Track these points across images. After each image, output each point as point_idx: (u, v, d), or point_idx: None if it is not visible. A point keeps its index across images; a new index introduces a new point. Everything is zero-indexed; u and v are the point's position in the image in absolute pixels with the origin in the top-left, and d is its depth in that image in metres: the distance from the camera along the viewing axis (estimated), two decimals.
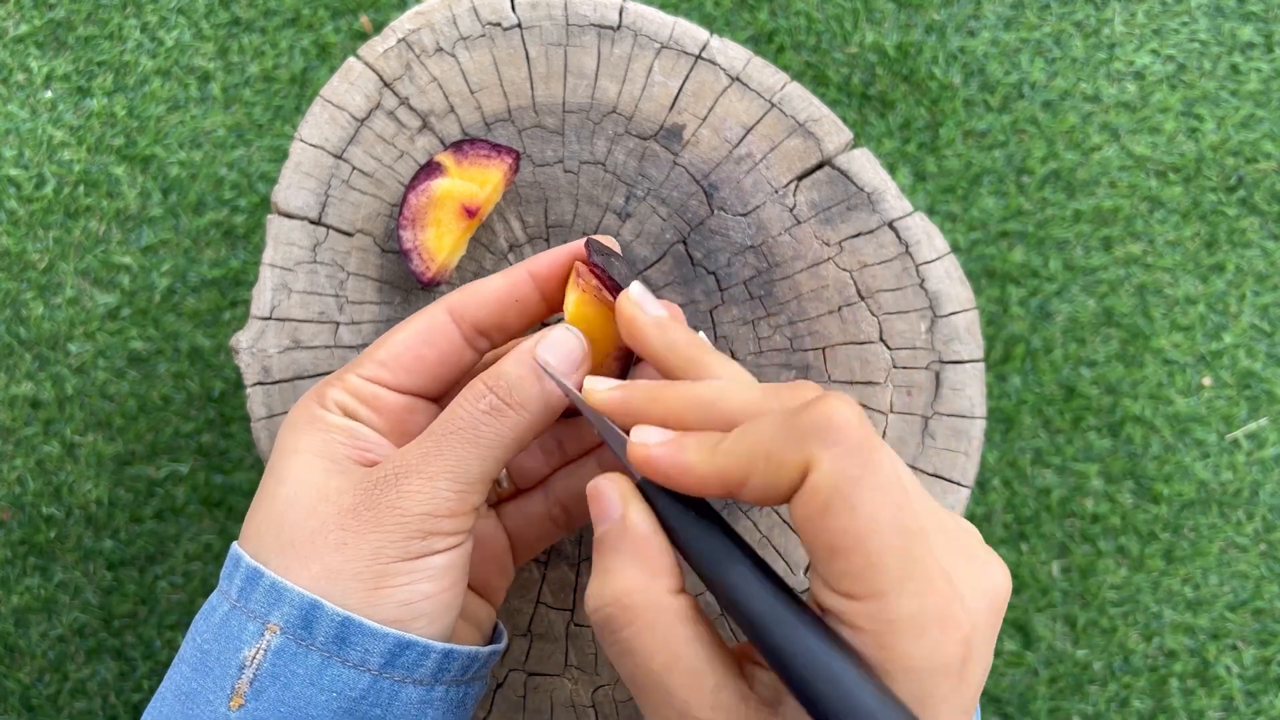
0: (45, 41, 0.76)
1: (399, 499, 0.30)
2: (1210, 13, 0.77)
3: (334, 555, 0.30)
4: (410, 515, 0.30)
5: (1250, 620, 0.72)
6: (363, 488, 0.30)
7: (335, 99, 0.44)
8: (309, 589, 0.29)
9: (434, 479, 0.30)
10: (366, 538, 0.30)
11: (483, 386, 0.31)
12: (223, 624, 0.30)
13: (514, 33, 0.45)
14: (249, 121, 0.75)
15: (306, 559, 0.30)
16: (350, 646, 0.29)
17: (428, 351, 0.33)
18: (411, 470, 0.30)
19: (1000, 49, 0.77)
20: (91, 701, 0.71)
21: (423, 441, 0.31)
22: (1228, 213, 0.75)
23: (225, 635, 0.30)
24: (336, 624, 0.29)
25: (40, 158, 0.75)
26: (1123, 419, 0.73)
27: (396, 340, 0.33)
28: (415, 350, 0.33)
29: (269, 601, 0.29)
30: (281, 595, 0.29)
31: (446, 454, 0.30)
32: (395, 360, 0.33)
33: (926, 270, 0.44)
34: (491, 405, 0.31)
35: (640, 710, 0.29)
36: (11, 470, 0.72)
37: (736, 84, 0.45)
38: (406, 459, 0.31)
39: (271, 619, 0.29)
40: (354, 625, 0.29)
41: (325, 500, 0.30)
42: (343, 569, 0.29)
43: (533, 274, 0.34)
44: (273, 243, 0.44)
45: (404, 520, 0.30)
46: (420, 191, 0.42)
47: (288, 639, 0.29)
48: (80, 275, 0.74)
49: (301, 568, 0.29)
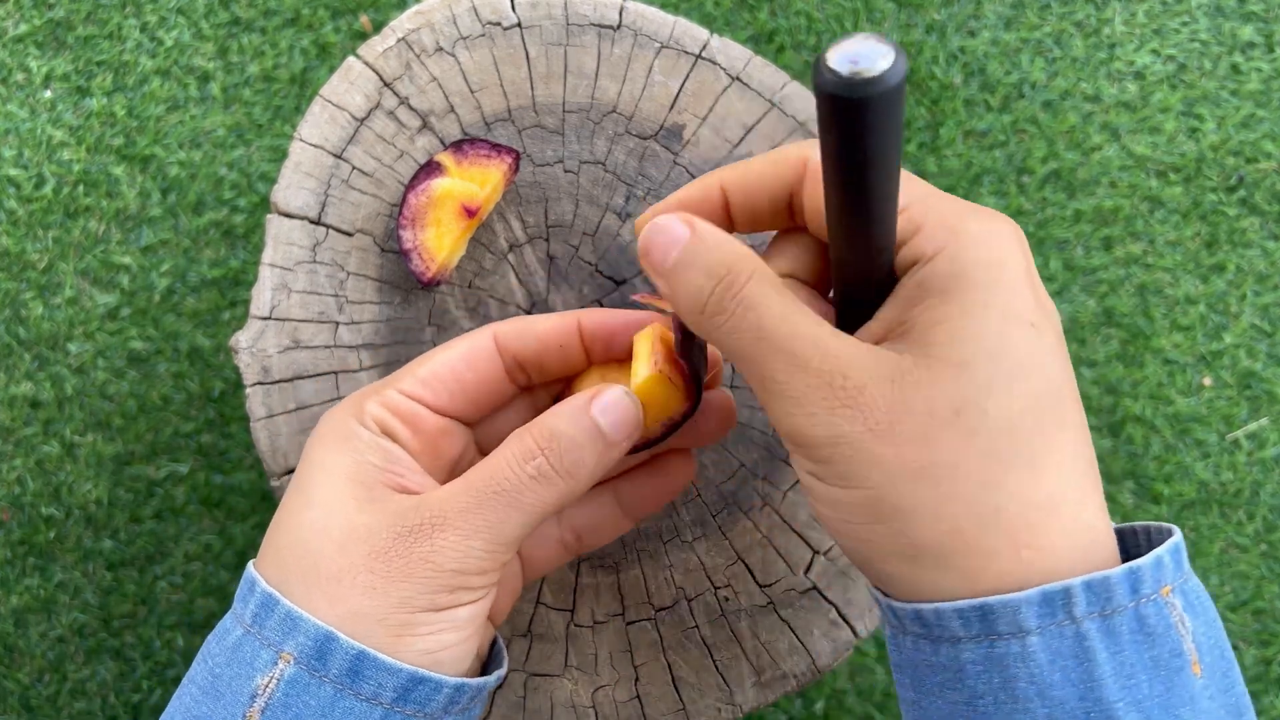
0: (45, 41, 0.76)
1: (432, 552, 0.30)
2: (1211, 12, 0.77)
3: (361, 598, 0.29)
4: (442, 570, 0.30)
5: (1250, 620, 0.72)
6: (396, 532, 0.30)
7: (335, 99, 0.44)
8: (330, 624, 0.29)
9: (470, 537, 0.30)
10: (396, 585, 0.29)
11: (533, 445, 0.31)
12: (236, 649, 0.29)
13: (514, 32, 0.45)
14: (249, 121, 0.75)
15: (333, 597, 0.29)
16: (364, 680, 0.29)
17: (470, 375, 0.33)
18: (448, 524, 0.30)
19: (1000, 49, 0.77)
20: (91, 702, 0.70)
21: (461, 495, 0.30)
22: (1228, 213, 0.75)
23: (238, 661, 0.29)
24: (351, 657, 0.29)
25: (40, 157, 0.75)
26: (1123, 419, 0.73)
27: (440, 360, 0.33)
28: (458, 372, 0.33)
29: (283, 630, 0.29)
30: (296, 624, 0.29)
31: (486, 513, 0.30)
32: (437, 379, 0.32)
33: None
34: (539, 470, 0.30)
35: (765, 379, 0.28)
36: (11, 470, 0.72)
37: (737, 84, 0.45)
38: (444, 510, 0.30)
39: (286, 648, 0.29)
40: (368, 659, 0.29)
41: (356, 539, 0.30)
42: (369, 613, 0.29)
43: (582, 326, 0.34)
44: (272, 242, 0.44)
45: (435, 574, 0.30)
46: (420, 191, 0.42)
47: (301, 669, 0.29)
48: (80, 275, 0.74)
49: (327, 605, 0.29)
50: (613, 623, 0.43)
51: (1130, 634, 0.26)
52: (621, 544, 0.43)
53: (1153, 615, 0.27)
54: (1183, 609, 0.27)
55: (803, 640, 0.43)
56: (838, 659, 0.43)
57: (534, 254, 0.44)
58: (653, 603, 0.43)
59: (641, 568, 0.43)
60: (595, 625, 0.43)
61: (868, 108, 0.22)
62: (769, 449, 0.43)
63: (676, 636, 0.43)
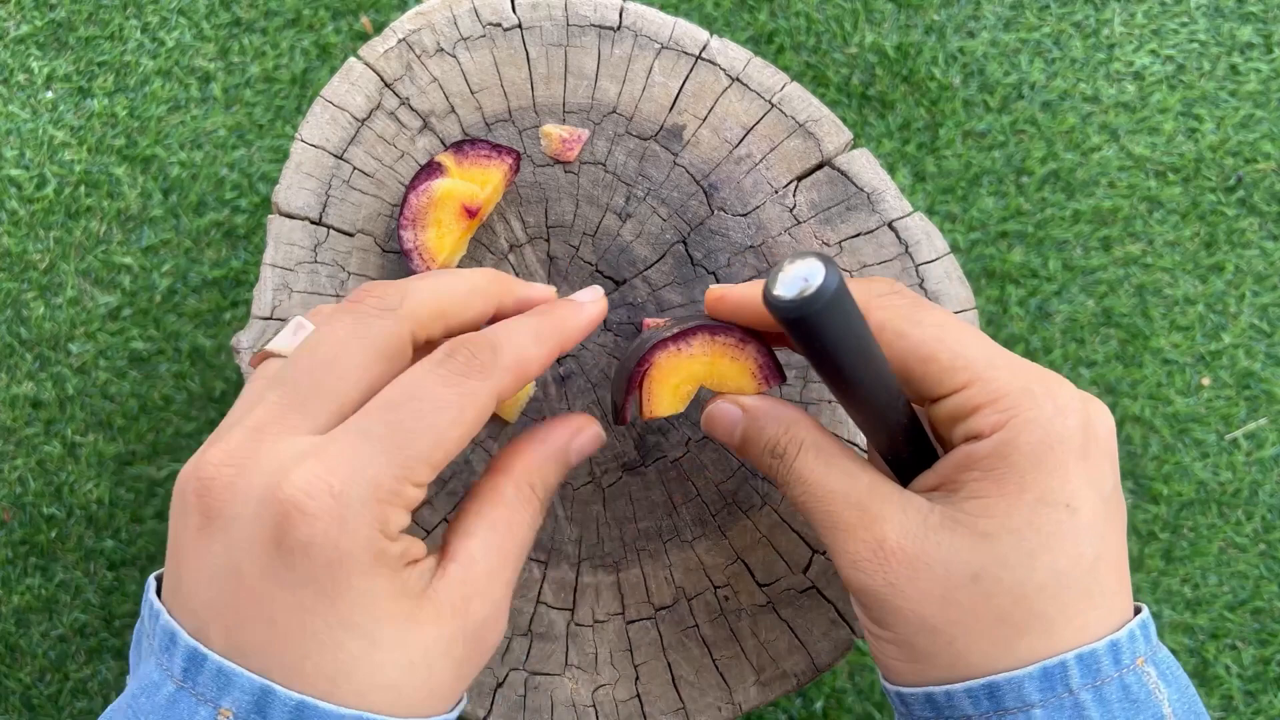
0: (46, 42, 0.76)
1: (495, 633, 0.32)
2: (1209, 13, 0.77)
3: (453, 690, 0.31)
4: (496, 642, 0.33)
5: (1249, 620, 0.72)
6: (469, 634, 0.31)
7: (336, 99, 0.45)
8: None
9: (507, 599, 0.33)
10: (472, 674, 0.32)
11: (529, 490, 0.34)
12: (171, 705, 0.28)
13: (514, 33, 0.45)
14: (250, 122, 0.76)
15: (433, 703, 0.31)
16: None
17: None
18: (494, 598, 0.32)
19: (1000, 50, 0.77)
20: (92, 701, 0.71)
21: (488, 555, 0.32)
22: (1227, 213, 0.75)
23: (175, 718, 0.28)
24: (291, 708, 0.28)
25: (41, 158, 0.75)
26: (1122, 419, 0.73)
27: (454, 440, 0.30)
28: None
29: (218, 685, 0.28)
30: (231, 680, 0.28)
31: (510, 569, 0.33)
32: (448, 458, 0.31)
33: (926, 270, 0.44)
34: (535, 515, 0.34)
35: (828, 536, 0.33)
36: (12, 470, 0.72)
37: (736, 84, 0.45)
38: (488, 582, 0.32)
39: (224, 704, 0.28)
40: (309, 707, 0.28)
41: (451, 661, 0.31)
42: (442, 700, 0.31)
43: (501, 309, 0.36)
44: (274, 243, 0.44)
45: (489, 651, 0.33)
46: (421, 192, 0.42)
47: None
48: (81, 275, 0.74)
49: (429, 709, 0.31)
50: (613, 622, 0.43)
51: (1119, 701, 0.30)
52: (622, 543, 0.43)
53: (1134, 684, 0.30)
54: (1157, 677, 0.30)
55: (802, 639, 0.43)
56: (837, 658, 0.43)
57: (534, 254, 0.44)
58: (653, 602, 0.43)
59: (641, 567, 0.43)
60: (595, 624, 0.43)
61: (816, 319, 0.27)
62: None
63: (676, 635, 0.43)
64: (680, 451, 0.43)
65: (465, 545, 0.32)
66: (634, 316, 0.44)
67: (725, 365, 0.37)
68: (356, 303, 0.32)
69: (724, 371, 0.37)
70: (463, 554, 0.31)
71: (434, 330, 0.33)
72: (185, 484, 0.30)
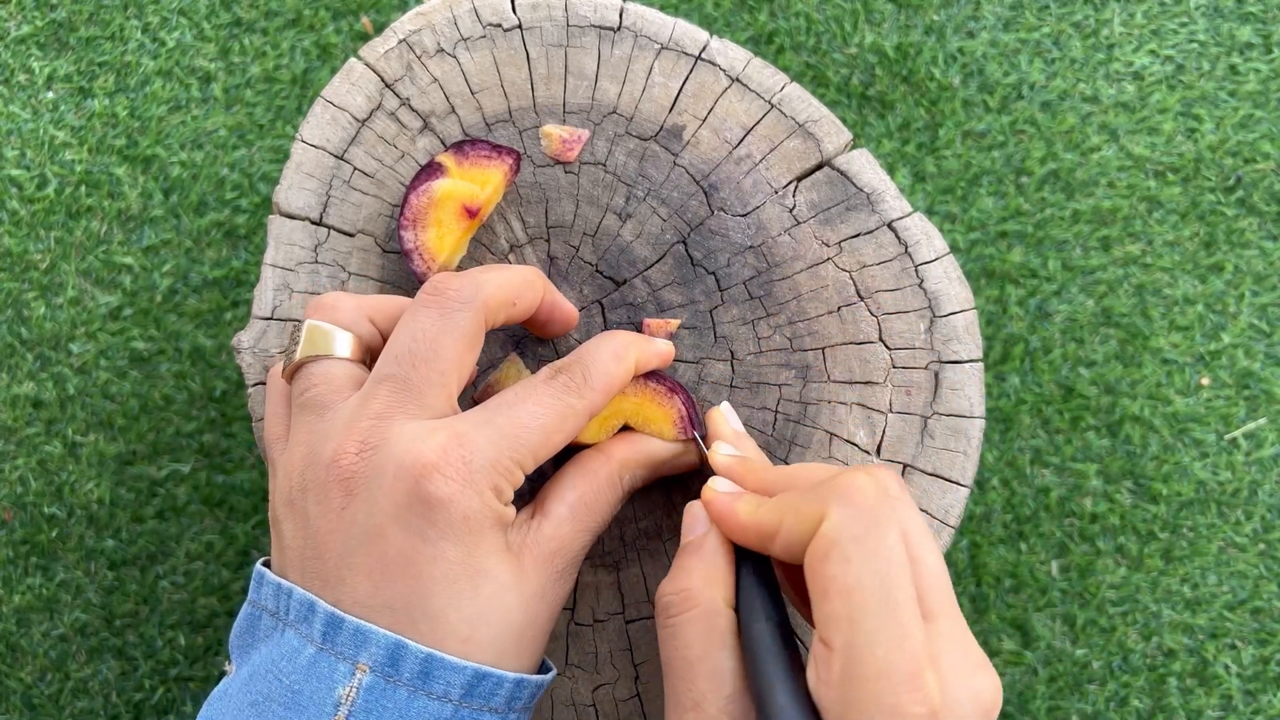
0: (47, 42, 0.77)
1: (566, 587, 0.36)
2: (1209, 13, 0.78)
3: (546, 634, 0.36)
4: (564, 598, 0.37)
5: (1249, 619, 0.72)
6: (552, 582, 0.35)
7: (336, 100, 0.45)
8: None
9: (578, 564, 0.37)
10: (550, 625, 0.36)
11: (618, 479, 0.38)
12: (312, 665, 0.32)
13: (514, 34, 0.45)
14: (250, 122, 0.76)
15: (537, 647, 0.35)
16: (434, 680, 0.32)
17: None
18: (573, 556, 0.36)
19: (999, 50, 0.77)
20: (93, 701, 0.71)
21: (575, 519, 0.36)
22: (1226, 213, 0.75)
23: (317, 675, 0.31)
24: (420, 660, 0.31)
25: (42, 158, 0.75)
26: (1121, 419, 0.73)
27: (554, 444, 0.35)
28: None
29: (355, 644, 0.31)
30: (368, 637, 0.31)
31: (589, 536, 0.37)
32: (548, 457, 0.35)
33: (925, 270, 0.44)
34: (617, 501, 0.38)
35: (665, 692, 0.33)
36: (13, 470, 0.72)
37: (736, 85, 0.45)
38: (571, 541, 0.36)
39: (361, 659, 0.31)
40: (436, 660, 0.31)
41: (544, 607, 0.35)
42: (540, 647, 0.35)
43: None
44: (274, 243, 0.44)
45: (561, 602, 0.37)
46: (421, 192, 0.42)
47: (377, 677, 0.31)
48: (82, 275, 0.74)
49: (532, 657, 0.35)
50: (613, 621, 0.43)
51: None
52: (622, 543, 0.43)
53: None
54: None
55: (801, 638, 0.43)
56: None
57: (534, 254, 0.44)
58: (653, 601, 0.43)
59: (641, 566, 0.43)
60: (595, 624, 0.43)
61: None
62: (767, 449, 0.43)
63: None
64: None
65: (557, 507, 0.36)
66: (634, 317, 0.44)
67: (651, 409, 0.40)
68: (437, 296, 0.35)
69: (649, 414, 0.40)
70: (554, 513, 0.36)
71: (499, 318, 0.36)
72: (317, 470, 0.33)
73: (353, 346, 0.36)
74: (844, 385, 0.43)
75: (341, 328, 0.36)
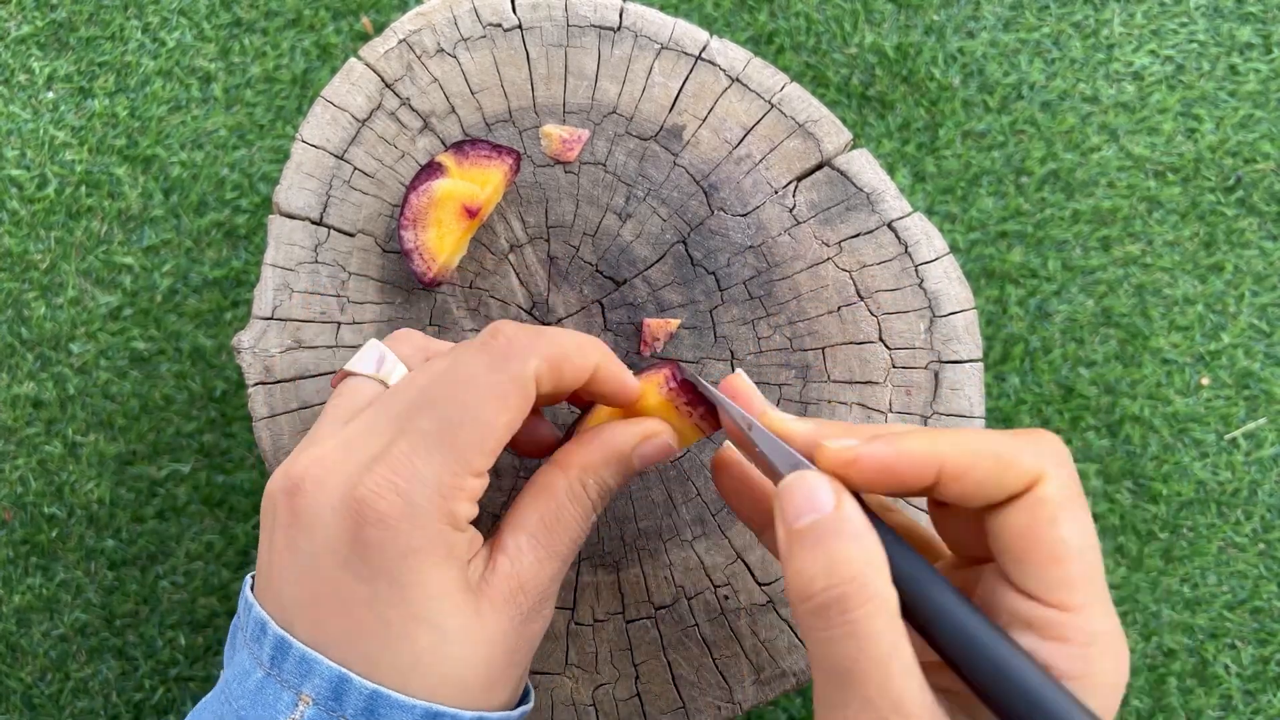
0: (47, 42, 0.77)
1: (541, 623, 0.34)
2: (1209, 14, 0.78)
3: (511, 677, 0.33)
4: (541, 631, 0.34)
5: (1249, 619, 0.72)
6: (517, 624, 0.32)
7: (336, 100, 0.45)
8: (476, 708, 0.32)
9: (553, 593, 0.34)
10: (524, 663, 0.34)
11: (581, 488, 0.34)
12: (259, 690, 0.31)
13: (514, 34, 0.45)
14: (250, 122, 0.76)
15: (495, 693, 0.32)
16: (379, 718, 0.30)
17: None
18: (540, 591, 0.33)
19: (999, 50, 0.77)
20: (93, 700, 0.71)
21: (535, 549, 0.33)
22: (1226, 213, 0.75)
23: (262, 703, 0.30)
24: (365, 696, 0.30)
25: (42, 158, 0.75)
26: (1121, 419, 0.73)
27: (503, 425, 0.32)
28: (511, 432, 0.33)
29: (300, 672, 0.30)
30: (312, 667, 0.30)
31: (557, 562, 0.34)
32: (502, 443, 0.32)
33: (925, 270, 0.44)
34: (587, 513, 0.35)
35: (833, 699, 0.29)
36: (14, 470, 0.72)
37: (736, 85, 0.45)
38: (535, 575, 0.33)
39: (304, 689, 0.30)
40: (382, 698, 0.30)
41: (505, 652, 0.32)
42: (503, 689, 0.33)
43: (596, 378, 0.35)
44: (274, 243, 0.44)
45: (536, 639, 0.34)
46: (421, 192, 0.42)
47: (320, 710, 0.30)
48: (82, 275, 0.74)
49: (492, 699, 0.32)
50: (613, 621, 0.43)
51: None
52: (622, 543, 0.43)
53: None
54: None
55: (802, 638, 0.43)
56: None
57: (535, 254, 0.44)
58: (653, 601, 0.43)
59: (641, 566, 0.43)
60: (595, 624, 0.43)
61: None
62: None
63: (676, 635, 0.43)
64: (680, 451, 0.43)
65: (514, 538, 0.33)
66: (634, 317, 0.44)
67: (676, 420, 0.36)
68: (488, 341, 0.33)
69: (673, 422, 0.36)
70: (511, 546, 0.33)
71: (549, 381, 0.33)
72: (276, 485, 0.32)
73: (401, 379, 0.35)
74: (844, 385, 0.43)
75: (401, 359, 0.35)
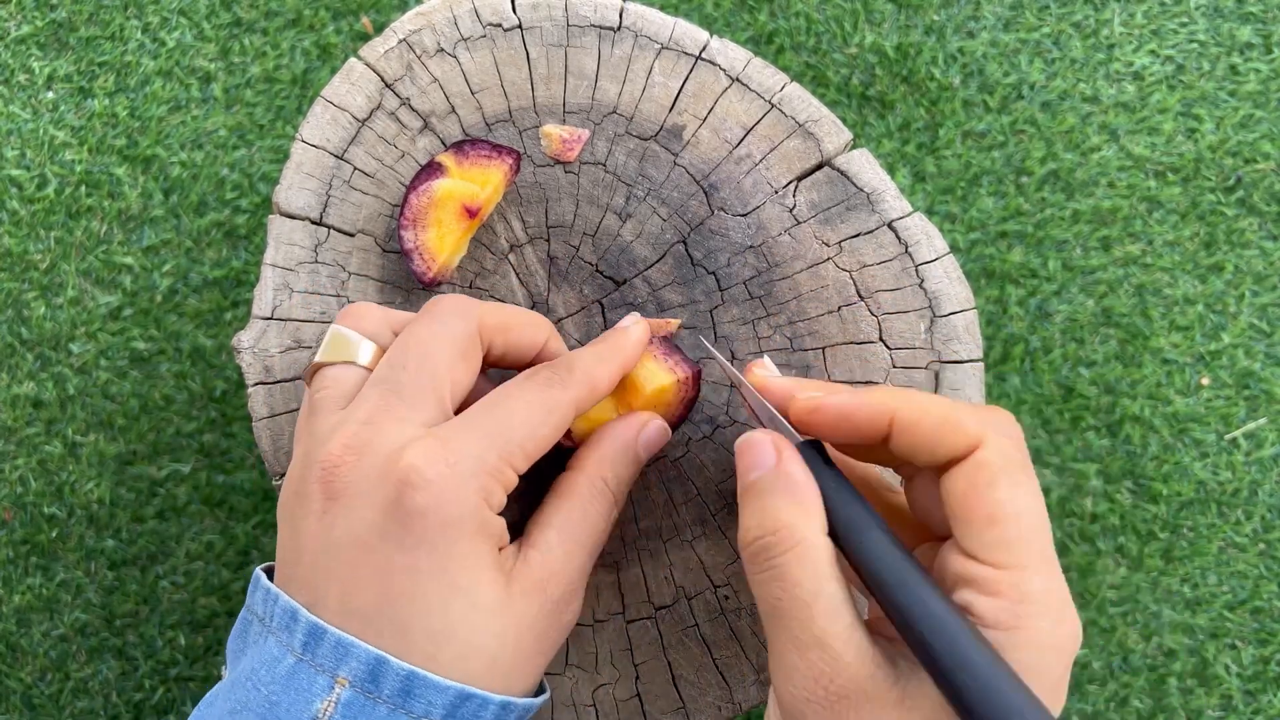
0: (47, 42, 0.77)
1: (571, 615, 0.35)
2: (1209, 14, 0.78)
3: (536, 664, 0.34)
4: (572, 622, 0.36)
5: (1249, 619, 0.72)
6: (547, 611, 0.34)
7: (336, 100, 0.45)
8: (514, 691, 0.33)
9: (582, 583, 0.36)
10: (550, 653, 0.35)
11: (601, 485, 0.37)
12: (290, 676, 0.31)
13: (514, 34, 0.45)
14: (250, 122, 0.76)
15: (521, 676, 0.34)
16: (414, 699, 0.31)
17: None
18: (569, 580, 0.35)
19: (999, 50, 0.77)
20: (93, 700, 0.71)
21: (564, 542, 0.35)
22: (1226, 213, 0.75)
23: (295, 688, 0.31)
24: (402, 677, 0.31)
25: (42, 158, 0.75)
26: (1121, 419, 0.73)
27: (543, 438, 0.34)
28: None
29: (336, 656, 0.31)
30: (348, 651, 0.31)
31: (585, 554, 0.36)
32: (539, 453, 0.35)
33: (926, 270, 0.44)
34: (604, 495, 0.37)
35: (771, 636, 0.32)
36: (13, 470, 0.72)
37: (736, 84, 0.45)
38: (564, 565, 0.35)
39: (340, 673, 0.31)
40: (418, 679, 0.31)
41: (534, 636, 0.34)
42: (528, 675, 0.34)
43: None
44: (274, 243, 0.44)
45: (566, 630, 0.36)
46: (421, 192, 0.42)
47: (356, 692, 0.31)
48: (82, 275, 0.74)
49: (517, 683, 0.33)
50: (613, 621, 0.43)
51: None
52: (622, 543, 0.43)
53: None
54: None
55: None
56: None
57: (534, 254, 0.44)
58: (653, 601, 0.43)
59: (642, 566, 0.43)
60: (595, 624, 0.43)
61: None
62: None
63: (677, 635, 0.43)
64: (680, 451, 0.43)
65: (543, 534, 0.35)
66: None
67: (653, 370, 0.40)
68: (433, 307, 0.36)
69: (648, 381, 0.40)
70: (541, 541, 0.35)
71: (496, 339, 0.36)
72: (306, 473, 0.33)
73: (374, 355, 0.36)
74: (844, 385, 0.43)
75: (365, 336, 0.36)
